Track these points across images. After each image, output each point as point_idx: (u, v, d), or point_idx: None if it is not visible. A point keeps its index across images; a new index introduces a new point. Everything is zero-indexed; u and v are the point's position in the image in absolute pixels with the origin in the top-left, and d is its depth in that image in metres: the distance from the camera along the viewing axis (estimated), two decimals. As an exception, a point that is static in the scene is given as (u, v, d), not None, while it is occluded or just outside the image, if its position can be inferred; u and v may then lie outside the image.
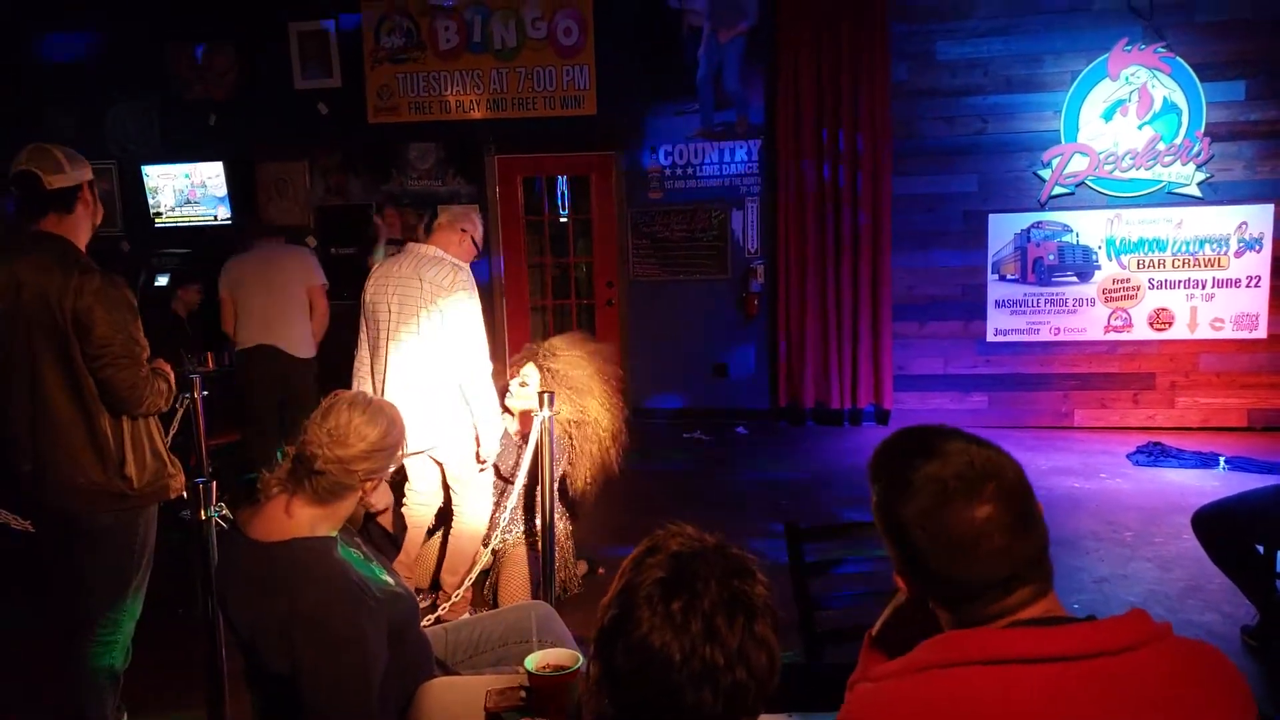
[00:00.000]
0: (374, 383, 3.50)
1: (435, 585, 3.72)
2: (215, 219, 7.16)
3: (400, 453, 1.91)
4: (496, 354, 6.67)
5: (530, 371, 3.75)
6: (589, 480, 3.83)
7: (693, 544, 1.08)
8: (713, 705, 1.00)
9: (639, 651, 1.01)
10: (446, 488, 3.62)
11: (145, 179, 7.14)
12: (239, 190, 7.08)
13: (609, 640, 1.05)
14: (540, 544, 3.31)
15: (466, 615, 3.54)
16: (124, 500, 2.52)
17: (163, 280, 6.59)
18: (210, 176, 7.09)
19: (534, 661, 1.66)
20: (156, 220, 7.22)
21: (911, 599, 1.31)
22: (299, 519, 1.78)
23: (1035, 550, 1.12)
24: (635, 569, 1.07)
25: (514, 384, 3.75)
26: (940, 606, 1.17)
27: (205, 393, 4.06)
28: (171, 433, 3.55)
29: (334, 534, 1.85)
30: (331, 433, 1.78)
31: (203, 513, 2.24)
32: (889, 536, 1.18)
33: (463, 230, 3.54)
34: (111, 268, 2.56)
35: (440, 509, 3.73)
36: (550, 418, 3.24)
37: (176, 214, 7.23)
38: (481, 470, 3.55)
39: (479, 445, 3.48)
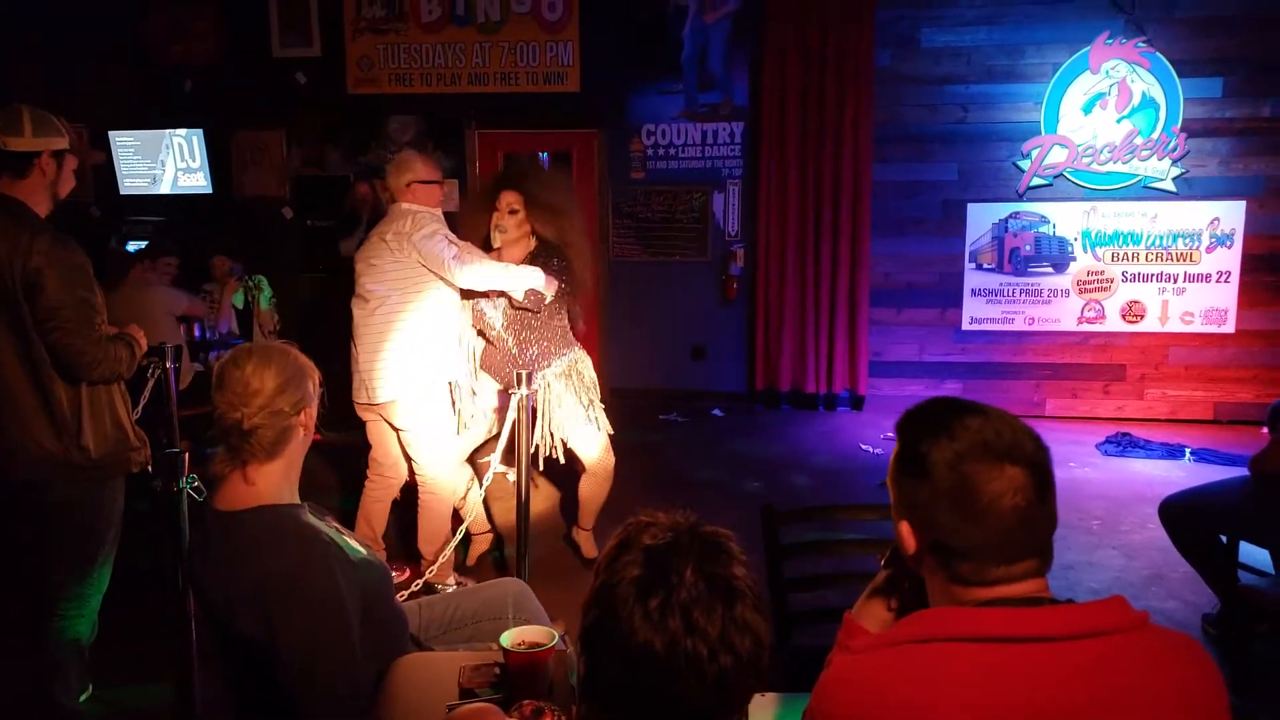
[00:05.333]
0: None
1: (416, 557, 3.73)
2: (188, 187, 7.04)
3: (316, 377, 1.86)
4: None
5: (510, 198, 3.60)
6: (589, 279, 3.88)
7: (665, 535, 1.07)
8: (702, 696, 1.01)
9: (622, 651, 1.02)
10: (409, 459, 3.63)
11: (114, 144, 6.99)
12: (213, 158, 6.97)
13: (592, 641, 1.05)
14: (516, 518, 3.30)
15: (452, 580, 3.62)
16: (81, 472, 2.46)
17: (134, 247, 6.47)
18: (183, 143, 6.96)
19: (509, 638, 1.66)
20: (126, 186, 7.08)
21: (892, 578, 1.32)
22: (261, 483, 1.76)
23: (1046, 525, 1.14)
24: (610, 568, 1.06)
25: (497, 218, 3.60)
26: (936, 565, 1.16)
27: (175, 364, 4.00)
28: (142, 403, 3.49)
29: (299, 500, 1.83)
30: (236, 393, 1.73)
31: (175, 484, 2.21)
32: (908, 480, 1.18)
33: (408, 185, 3.44)
34: (80, 234, 2.51)
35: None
36: (528, 395, 3.24)
37: (148, 180, 7.10)
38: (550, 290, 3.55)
39: (534, 287, 3.49)
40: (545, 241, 3.68)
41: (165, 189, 7.07)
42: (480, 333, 3.76)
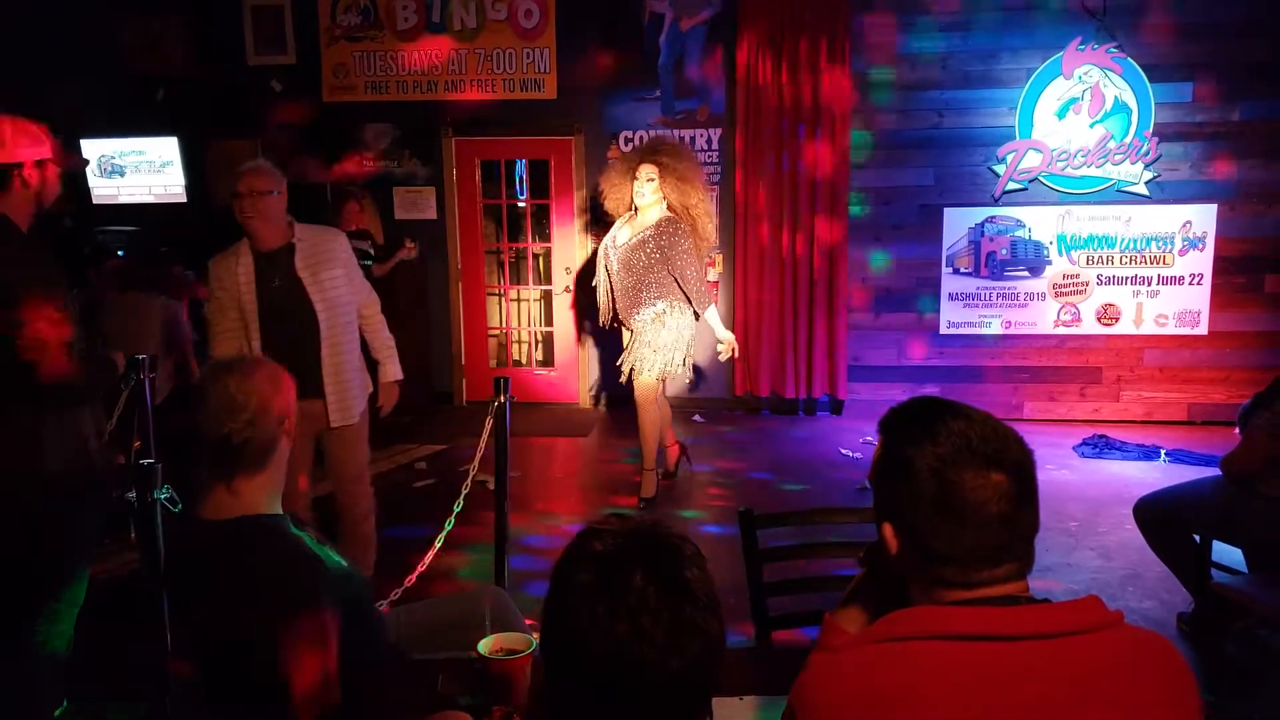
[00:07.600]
0: None
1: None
2: (164, 196, 6.98)
3: (292, 386, 1.84)
4: (453, 336, 6.58)
5: (648, 169, 4.40)
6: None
7: (616, 540, 1.06)
8: (655, 699, 1.01)
9: (572, 655, 1.03)
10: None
11: (84, 153, 6.90)
12: (188, 167, 6.91)
13: (547, 644, 1.07)
14: (495, 526, 3.29)
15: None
16: (45, 490, 2.42)
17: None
18: (158, 152, 6.90)
19: (486, 645, 1.66)
20: (95, 195, 7.00)
21: (871, 578, 1.33)
22: (245, 495, 1.75)
23: (1028, 529, 1.15)
24: (562, 574, 1.06)
25: (638, 185, 4.43)
26: (919, 567, 1.17)
27: (151, 375, 3.96)
28: (115, 415, 3.44)
29: (281, 511, 1.82)
30: (224, 406, 1.71)
31: (149, 495, 2.18)
32: (891, 482, 1.17)
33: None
34: (54, 246, 2.48)
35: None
36: (507, 404, 3.22)
37: (123, 189, 7.02)
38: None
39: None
40: (674, 207, 4.50)
41: (140, 197, 7.00)
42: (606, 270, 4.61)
